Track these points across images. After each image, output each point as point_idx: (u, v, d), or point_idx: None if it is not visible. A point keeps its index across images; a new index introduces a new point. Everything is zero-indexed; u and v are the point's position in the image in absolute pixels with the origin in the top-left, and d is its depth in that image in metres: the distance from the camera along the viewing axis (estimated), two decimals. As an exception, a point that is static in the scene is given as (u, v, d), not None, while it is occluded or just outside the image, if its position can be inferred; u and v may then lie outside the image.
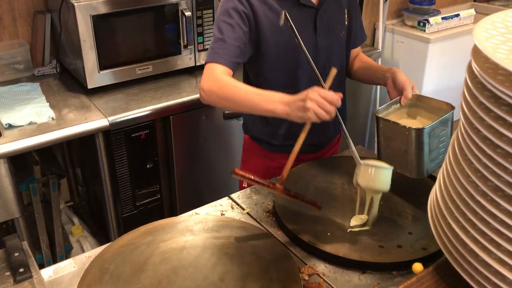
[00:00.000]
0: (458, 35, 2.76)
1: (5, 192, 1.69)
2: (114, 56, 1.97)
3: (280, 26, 1.27)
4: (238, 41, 1.31)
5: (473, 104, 0.57)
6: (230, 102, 1.28)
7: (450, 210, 0.62)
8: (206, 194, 2.22)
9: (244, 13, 1.31)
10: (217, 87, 1.27)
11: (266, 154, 1.54)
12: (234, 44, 1.31)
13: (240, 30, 1.31)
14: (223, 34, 1.31)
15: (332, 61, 1.42)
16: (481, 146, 0.55)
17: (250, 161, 1.60)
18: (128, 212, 2.02)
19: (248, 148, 1.61)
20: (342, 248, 1.10)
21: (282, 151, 1.47)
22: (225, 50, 1.30)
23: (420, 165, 1.19)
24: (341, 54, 1.47)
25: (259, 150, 1.55)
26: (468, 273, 0.59)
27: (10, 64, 2.06)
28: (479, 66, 0.56)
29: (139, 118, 1.88)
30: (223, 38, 1.31)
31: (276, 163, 1.52)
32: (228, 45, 1.30)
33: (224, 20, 1.32)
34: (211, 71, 1.30)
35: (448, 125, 1.21)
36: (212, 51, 1.32)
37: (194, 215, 1.24)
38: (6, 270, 0.99)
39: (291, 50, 1.36)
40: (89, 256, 1.11)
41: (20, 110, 1.82)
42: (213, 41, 1.34)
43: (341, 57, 1.48)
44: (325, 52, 1.40)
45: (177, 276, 1.01)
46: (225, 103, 1.30)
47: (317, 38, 1.38)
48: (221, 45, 1.31)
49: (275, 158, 1.52)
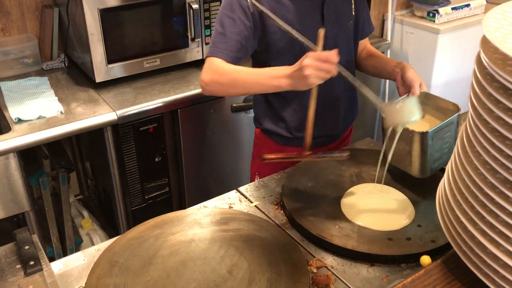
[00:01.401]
0: (469, 26, 2.72)
1: (15, 186, 1.71)
2: (121, 50, 1.97)
3: (286, 19, 1.26)
4: (239, 35, 1.31)
5: (482, 96, 0.56)
6: (233, 87, 1.29)
7: (459, 202, 0.61)
8: (214, 187, 2.22)
9: (248, 8, 1.30)
10: (218, 75, 1.28)
11: (278, 148, 1.54)
12: (234, 39, 1.31)
13: (241, 24, 1.31)
14: (224, 28, 1.31)
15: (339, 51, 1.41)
16: (490, 138, 0.55)
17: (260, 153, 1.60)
18: (137, 205, 2.03)
19: (259, 143, 1.60)
20: (351, 241, 1.09)
21: (294, 144, 1.48)
22: (225, 45, 1.31)
23: (423, 165, 1.20)
24: (348, 44, 1.47)
25: (270, 144, 1.55)
26: (476, 266, 0.59)
27: (18, 59, 2.07)
28: (488, 57, 0.55)
29: (147, 111, 1.88)
30: (224, 32, 1.31)
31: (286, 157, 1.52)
32: (229, 39, 1.31)
33: (226, 14, 1.32)
34: (210, 64, 1.31)
35: (453, 127, 1.21)
36: (212, 45, 1.33)
37: (202, 208, 1.24)
38: (17, 263, 1.00)
39: (298, 43, 1.35)
40: (99, 249, 1.12)
41: (29, 104, 1.83)
42: (213, 35, 1.35)
43: (349, 47, 1.47)
44: (332, 41, 1.39)
45: (186, 268, 1.02)
46: (228, 89, 1.31)
47: (325, 28, 1.37)
48: (221, 39, 1.31)
49: (287, 152, 1.52)
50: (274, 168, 1.47)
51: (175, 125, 2.01)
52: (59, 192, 2.02)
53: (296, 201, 1.23)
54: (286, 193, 1.26)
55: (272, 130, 1.52)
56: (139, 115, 1.87)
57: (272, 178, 1.39)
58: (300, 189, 1.28)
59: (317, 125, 1.21)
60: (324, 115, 1.45)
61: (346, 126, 1.59)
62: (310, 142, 1.18)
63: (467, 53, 2.76)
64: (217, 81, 1.29)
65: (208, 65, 1.32)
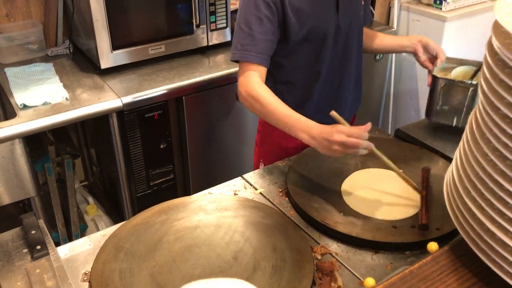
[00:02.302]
0: (476, 13, 2.69)
1: (21, 172, 1.72)
2: (126, 36, 1.96)
3: (300, 7, 1.29)
4: (267, 34, 1.30)
5: (493, 82, 0.56)
6: (263, 116, 1.30)
7: (467, 189, 0.61)
8: (219, 174, 2.23)
9: (272, 2, 1.29)
10: (251, 97, 1.28)
11: (283, 135, 1.54)
12: (264, 39, 1.29)
13: (268, 22, 1.29)
14: (252, 29, 1.28)
15: (351, 39, 1.44)
16: (501, 125, 0.54)
17: (266, 143, 1.61)
18: (142, 191, 2.04)
19: (264, 130, 1.60)
20: (355, 228, 1.09)
21: None
22: (256, 47, 1.29)
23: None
24: (359, 33, 1.49)
25: (275, 131, 1.55)
26: (484, 252, 0.59)
27: (23, 45, 2.07)
28: (500, 42, 0.54)
29: (152, 98, 1.88)
30: (252, 33, 1.29)
31: (292, 143, 1.52)
32: (258, 41, 1.29)
33: (252, 12, 1.29)
34: (247, 73, 1.30)
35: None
36: (241, 48, 1.30)
37: (207, 194, 1.24)
38: (24, 247, 1.01)
39: (316, 34, 1.36)
40: (104, 234, 1.12)
41: (34, 90, 1.83)
42: (240, 35, 1.31)
43: (360, 35, 1.49)
44: (345, 31, 1.41)
45: (191, 254, 1.02)
46: (257, 114, 1.32)
47: (338, 18, 1.38)
48: (250, 41, 1.29)
49: (292, 139, 1.52)
50: (278, 155, 1.48)
51: (180, 112, 2.01)
52: (64, 178, 2.03)
53: (301, 188, 1.23)
54: (291, 180, 1.26)
55: None
56: (144, 101, 1.86)
57: (277, 165, 1.39)
58: (305, 176, 1.28)
59: (324, 114, 1.21)
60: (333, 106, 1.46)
61: (351, 114, 1.60)
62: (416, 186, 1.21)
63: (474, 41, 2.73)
64: (249, 102, 1.29)
65: (245, 75, 1.31)
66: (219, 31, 2.16)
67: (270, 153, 1.56)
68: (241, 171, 1.38)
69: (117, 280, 0.96)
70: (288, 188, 1.23)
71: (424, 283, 0.60)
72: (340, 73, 1.47)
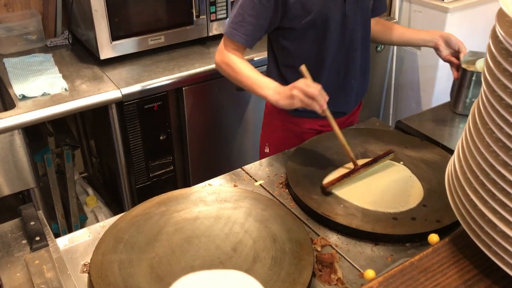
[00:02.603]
0: (478, 4, 2.67)
1: (20, 163, 1.71)
2: (126, 27, 1.95)
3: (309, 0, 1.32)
4: (257, 18, 1.34)
5: (497, 71, 0.55)
6: (233, 80, 1.42)
7: (469, 180, 0.60)
8: (219, 165, 2.22)
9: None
10: (224, 64, 1.41)
11: (289, 119, 1.56)
12: (253, 23, 1.34)
13: (261, 8, 1.32)
14: (244, 10, 1.34)
15: (357, 29, 1.45)
16: (504, 115, 0.53)
17: (271, 125, 1.63)
18: (142, 183, 2.03)
19: (270, 113, 1.63)
20: (355, 220, 1.09)
21: (306, 116, 1.51)
22: (243, 29, 1.35)
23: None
24: (367, 23, 1.49)
25: (281, 115, 1.57)
26: (485, 244, 0.58)
27: (22, 35, 2.05)
28: (504, 31, 0.53)
29: (151, 89, 1.87)
30: (243, 14, 1.34)
31: (299, 127, 1.54)
32: (247, 23, 1.34)
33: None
34: (224, 47, 1.41)
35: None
36: (231, 25, 1.38)
37: (207, 186, 1.24)
38: (23, 239, 1.01)
39: (321, 21, 1.37)
40: (104, 225, 1.12)
41: (33, 81, 1.82)
42: (233, 13, 1.37)
43: (367, 25, 1.50)
44: (352, 20, 1.41)
45: (191, 245, 1.02)
46: (229, 78, 1.44)
47: (345, 6, 1.39)
48: (240, 22, 1.35)
49: (299, 123, 1.55)
50: (283, 139, 1.52)
51: (179, 103, 2.00)
52: (63, 170, 2.02)
53: (300, 180, 1.22)
54: (291, 172, 1.25)
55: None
56: (144, 92, 1.86)
57: (277, 157, 1.38)
58: (305, 168, 1.27)
59: (330, 102, 1.23)
60: (339, 93, 1.48)
61: (357, 101, 1.62)
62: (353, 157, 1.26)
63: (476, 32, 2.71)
64: (222, 68, 1.42)
65: (223, 47, 1.42)
66: (219, 22, 2.14)
67: (275, 137, 1.59)
68: (241, 163, 1.37)
69: (117, 271, 0.95)
70: (288, 180, 1.23)
71: (424, 275, 0.60)
72: (346, 61, 1.47)
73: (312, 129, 1.56)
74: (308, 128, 1.56)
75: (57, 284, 0.87)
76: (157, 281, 0.93)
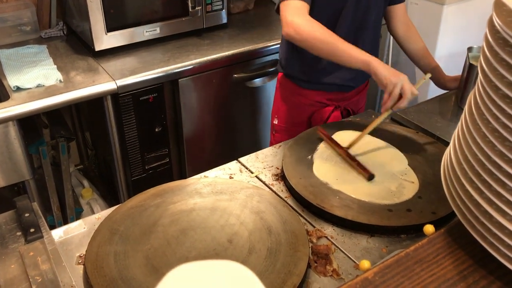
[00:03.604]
0: (475, -3, 2.66)
1: (15, 154, 1.70)
2: (121, 18, 1.93)
3: None
4: None
5: (494, 61, 0.54)
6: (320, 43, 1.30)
7: (465, 171, 0.60)
8: (214, 158, 2.22)
9: None
10: (309, 26, 1.31)
11: (299, 91, 1.61)
12: None
13: None
14: None
15: (370, 12, 1.47)
16: (500, 105, 0.53)
17: (282, 97, 1.67)
18: (138, 175, 2.03)
19: (281, 86, 1.66)
20: (351, 212, 1.09)
21: (315, 88, 1.56)
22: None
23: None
24: (379, 5, 1.50)
25: (292, 87, 1.61)
26: (481, 235, 0.58)
27: (16, 26, 2.04)
28: (502, 20, 0.53)
29: (147, 81, 1.86)
30: None
31: (308, 100, 1.58)
32: None
33: None
34: (296, 7, 1.33)
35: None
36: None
37: (203, 178, 1.23)
38: (17, 230, 1.00)
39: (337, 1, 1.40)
40: (99, 217, 1.11)
41: (27, 72, 1.80)
42: None
43: (380, 7, 1.51)
44: (365, 4, 1.44)
45: (186, 237, 1.02)
46: (313, 42, 1.31)
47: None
48: None
49: (308, 95, 1.59)
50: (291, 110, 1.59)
51: (175, 95, 1.99)
52: (59, 162, 2.01)
53: (296, 172, 1.22)
54: (286, 164, 1.25)
55: (294, 74, 1.58)
56: (139, 84, 1.84)
57: (273, 149, 1.38)
58: (300, 160, 1.27)
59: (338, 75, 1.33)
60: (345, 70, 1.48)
61: (363, 79, 1.65)
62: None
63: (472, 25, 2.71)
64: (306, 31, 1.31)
65: (293, 8, 1.33)
66: (215, 13, 2.13)
67: (284, 108, 1.64)
68: (236, 155, 1.37)
69: (112, 262, 0.95)
70: (284, 172, 1.22)
71: (420, 265, 0.60)
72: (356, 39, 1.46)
73: (320, 102, 1.60)
74: (317, 101, 1.60)
75: (52, 276, 0.87)
76: (152, 273, 0.93)
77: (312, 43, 1.31)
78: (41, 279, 0.86)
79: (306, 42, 1.32)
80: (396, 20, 1.61)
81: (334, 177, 1.20)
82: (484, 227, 0.57)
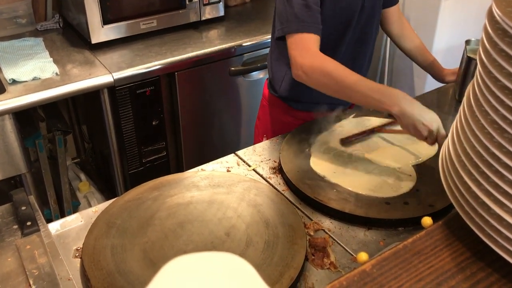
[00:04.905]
0: (473, -10, 2.66)
1: (12, 148, 1.69)
2: (117, 10, 1.92)
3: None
4: (317, 5, 1.24)
5: (493, 52, 0.54)
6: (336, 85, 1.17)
7: (463, 162, 0.60)
8: (212, 151, 2.21)
9: None
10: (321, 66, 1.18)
11: (290, 112, 1.53)
12: (317, 9, 1.24)
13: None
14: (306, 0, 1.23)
15: (372, 20, 1.42)
16: (499, 96, 0.53)
17: (270, 117, 1.60)
18: (134, 169, 2.02)
19: (269, 105, 1.59)
20: (348, 205, 1.09)
21: (308, 109, 1.49)
22: (313, 18, 1.22)
23: None
24: (379, 13, 1.47)
25: (284, 108, 1.54)
26: (479, 226, 0.58)
27: (11, 18, 2.02)
28: (501, 10, 0.53)
29: (144, 74, 1.85)
30: (307, 4, 1.22)
31: (299, 121, 1.52)
32: (314, 11, 1.23)
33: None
34: (305, 44, 1.21)
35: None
36: (297, 20, 1.22)
37: (200, 171, 1.23)
38: (14, 224, 0.99)
39: (346, 13, 1.34)
40: (96, 210, 1.11)
41: (23, 65, 1.79)
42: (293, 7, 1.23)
43: (379, 14, 1.48)
44: (368, 11, 1.39)
45: (184, 230, 1.01)
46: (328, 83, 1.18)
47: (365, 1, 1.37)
48: (307, 12, 1.22)
49: (299, 116, 1.52)
50: (282, 130, 1.49)
51: (172, 88, 1.99)
52: (55, 155, 2.01)
53: (293, 165, 1.22)
54: (284, 157, 1.25)
55: (289, 96, 1.50)
56: (136, 77, 1.84)
57: (270, 142, 1.38)
58: (297, 153, 1.27)
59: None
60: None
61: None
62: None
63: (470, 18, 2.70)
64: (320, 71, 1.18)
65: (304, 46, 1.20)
66: (212, 6, 2.12)
67: (274, 128, 1.57)
68: (234, 148, 1.37)
69: (109, 256, 0.95)
70: (281, 165, 1.22)
71: (417, 257, 0.60)
72: (356, 51, 1.44)
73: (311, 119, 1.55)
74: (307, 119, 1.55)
75: (49, 269, 0.87)
76: (149, 266, 0.92)
77: (325, 90, 1.20)
78: (38, 273, 0.86)
79: (318, 88, 1.21)
80: (391, 21, 1.59)
81: (332, 170, 1.20)
82: (482, 219, 0.57)
